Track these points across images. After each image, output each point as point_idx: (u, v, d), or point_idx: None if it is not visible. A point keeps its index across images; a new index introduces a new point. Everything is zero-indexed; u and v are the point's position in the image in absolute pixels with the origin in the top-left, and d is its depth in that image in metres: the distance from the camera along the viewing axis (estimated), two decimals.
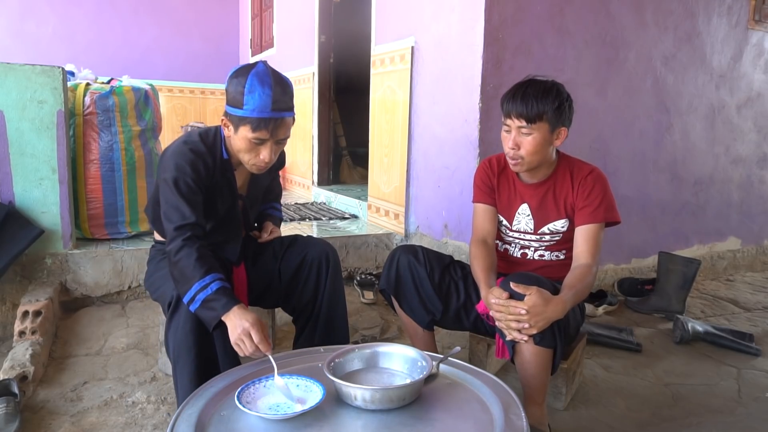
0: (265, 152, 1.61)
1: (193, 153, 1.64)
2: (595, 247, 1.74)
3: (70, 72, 2.98)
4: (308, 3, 4.84)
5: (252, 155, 1.62)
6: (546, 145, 1.72)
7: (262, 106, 1.54)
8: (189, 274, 1.50)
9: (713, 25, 3.27)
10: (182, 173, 1.60)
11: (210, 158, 1.67)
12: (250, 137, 1.58)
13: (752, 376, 2.22)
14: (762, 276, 3.69)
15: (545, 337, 1.53)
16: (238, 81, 1.56)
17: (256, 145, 1.60)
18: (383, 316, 2.71)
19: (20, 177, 2.54)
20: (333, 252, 1.93)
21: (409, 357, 1.35)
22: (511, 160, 1.76)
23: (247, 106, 1.55)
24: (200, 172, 1.63)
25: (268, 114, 1.55)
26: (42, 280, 2.60)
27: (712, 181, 3.48)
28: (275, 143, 1.62)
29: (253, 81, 1.54)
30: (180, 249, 1.54)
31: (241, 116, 1.56)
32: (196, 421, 1.12)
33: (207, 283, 1.48)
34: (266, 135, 1.58)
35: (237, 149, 1.64)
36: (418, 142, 3.16)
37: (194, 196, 1.61)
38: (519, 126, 1.70)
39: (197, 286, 1.48)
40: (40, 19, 6.54)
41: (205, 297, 1.47)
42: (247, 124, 1.56)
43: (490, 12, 2.57)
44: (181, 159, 1.62)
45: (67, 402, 1.91)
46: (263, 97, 1.54)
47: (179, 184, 1.60)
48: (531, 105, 1.66)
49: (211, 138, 1.71)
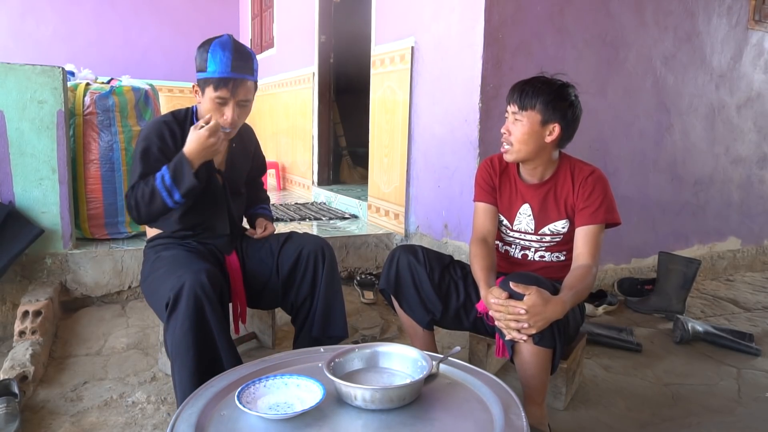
0: (228, 112, 1.77)
1: (161, 123, 1.83)
2: (595, 249, 1.74)
3: (70, 72, 2.98)
4: (308, 3, 4.84)
5: (217, 116, 1.76)
6: (534, 137, 1.74)
7: (222, 67, 1.73)
8: (150, 185, 1.70)
9: (713, 25, 3.27)
10: (149, 142, 1.80)
11: (179, 128, 1.84)
12: (212, 96, 1.75)
13: (752, 376, 2.22)
14: (762, 276, 3.69)
15: (545, 337, 1.53)
16: (203, 48, 1.77)
17: (219, 105, 1.76)
18: (383, 316, 2.71)
19: (20, 177, 2.54)
20: (328, 247, 1.96)
21: (409, 357, 1.35)
22: (502, 145, 1.81)
23: (210, 68, 1.74)
24: (167, 140, 1.81)
25: (228, 74, 1.74)
26: (42, 280, 2.60)
27: (712, 181, 3.48)
28: (237, 105, 1.78)
29: (216, 47, 1.75)
30: (134, 189, 1.74)
31: (205, 78, 1.76)
32: (196, 421, 1.12)
33: (161, 173, 1.70)
34: (227, 94, 1.75)
35: (205, 112, 1.79)
36: (418, 142, 3.16)
37: (156, 163, 1.76)
38: (513, 112, 1.76)
39: (158, 181, 1.69)
40: (41, 19, 6.54)
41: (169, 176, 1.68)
42: (210, 85, 1.75)
43: (490, 12, 2.57)
44: (149, 130, 1.83)
45: (67, 402, 1.91)
46: (224, 59, 1.73)
47: (144, 153, 1.78)
48: (525, 93, 1.73)
49: (182, 113, 1.90)
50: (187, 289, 1.55)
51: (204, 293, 1.56)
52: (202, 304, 1.55)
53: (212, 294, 1.58)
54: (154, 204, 1.71)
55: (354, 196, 4.15)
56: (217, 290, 1.61)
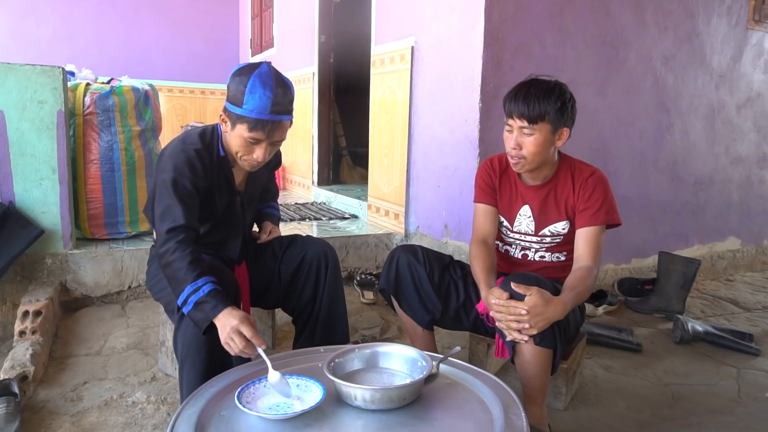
0: (260, 152, 1.63)
1: (191, 153, 1.64)
2: (596, 250, 1.73)
3: (70, 72, 2.98)
4: (308, 3, 4.84)
5: (246, 153, 1.65)
6: (548, 146, 1.71)
7: (261, 107, 1.56)
8: (181, 277, 1.51)
9: (713, 25, 3.27)
10: (180, 174, 1.61)
11: (207, 157, 1.69)
12: (246, 136, 1.60)
13: (752, 376, 2.22)
14: (762, 276, 3.69)
15: (545, 337, 1.53)
16: (240, 80, 1.57)
17: (251, 144, 1.62)
18: (383, 316, 2.71)
19: (20, 177, 2.54)
20: (332, 251, 1.93)
21: (409, 357, 1.35)
22: (513, 159, 1.75)
23: (247, 106, 1.56)
24: (198, 172, 1.64)
25: (267, 116, 1.57)
26: (42, 280, 2.60)
27: (712, 181, 3.48)
28: (270, 144, 1.64)
29: (255, 81, 1.55)
30: (173, 251, 1.53)
31: (239, 114, 1.58)
32: (196, 421, 1.12)
33: (199, 286, 1.49)
34: (262, 136, 1.60)
35: (232, 146, 1.66)
36: (418, 142, 3.16)
37: (190, 199, 1.62)
38: (521, 126, 1.69)
39: (189, 289, 1.49)
40: (41, 19, 6.54)
41: (197, 299, 1.48)
42: (244, 123, 1.58)
43: (490, 12, 2.57)
44: (180, 160, 1.63)
45: (67, 402, 1.91)
46: (263, 98, 1.55)
47: (177, 186, 1.60)
48: (533, 105, 1.65)
49: (208, 136, 1.72)
50: None
51: None
52: None
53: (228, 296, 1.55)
54: (170, 280, 1.55)
55: (354, 196, 4.15)
56: (232, 293, 1.59)
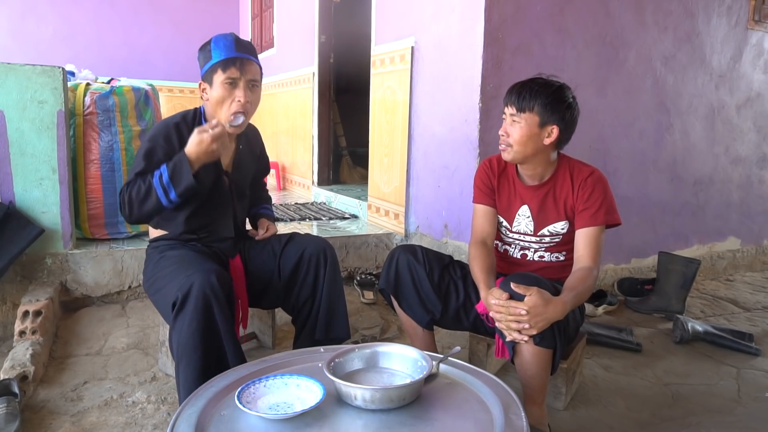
0: (240, 92, 1.74)
1: (169, 126, 1.80)
2: (595, 250, 1.74)
3: (70, 72, 2.98)
4: (308, 3, 4.85)
5: (229, 101, 1.75)
6: (533, 138, 1.73)
7: (227, 48, 1.74)
8: (147, 182, 1.67)
9: (713, 25, 3.27)
10: (154, 143, 1.76)
11: (186, 128, 1.79)
12: (222, 79, 1.73)
13: (752, 376, 2.22)
14: (762, 276, 3.69)
15: (545, 337, 1.53)
16: (203, 46, 1.79)
17: (230, 87, 1.74)
18: (383, 316, 2.71)
19: (20, 177, 2.54)
20: (330, 248, 1.95)
21: (409, 357, 1.35)
22: (500, 146, 1.80)
23: (214, 54, 1.74)
24: (173, 142, 1.77)
25: (234, 53, 1.74)
26: (42, 280, 2.60)
27: (711, 181, 3.48)
28: (248, 85, 1.76)
29: (216, 38, 1.77)
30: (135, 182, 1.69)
31: (212, 66, 1.74)
32: (196, 421, 1.12)
33: (159, 171, 1.67)
34: (237, 73, 1.73)
35: (216, 102, 1.76)
36: (418, 142, 3.16)
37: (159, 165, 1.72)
38: (511, 114, 1.75)
39: (156, 178, 1.66)
40: (41, 19, 6.54)
41: (167, 174, 1.65)
42: (218, 69, 1.73)
43: (490, 12, 2.58)
44: (157, 131, 1.79)
45: (68, 402, 1.91)
46: (227, 42, 1.75)
47: (149, 154, 1.75)
48: (523, 95, 1.72)
49: (191, 114, 1.87)
50: (196, 290, 1.54)
51: (213, 294, 1.55)
52: (210, 304, 1.55)
53: (221, 295, 1.57)
54: (148, 201, 1.67)
55: (354, 196, 4.15)
56: (226, 291, 1.60)
